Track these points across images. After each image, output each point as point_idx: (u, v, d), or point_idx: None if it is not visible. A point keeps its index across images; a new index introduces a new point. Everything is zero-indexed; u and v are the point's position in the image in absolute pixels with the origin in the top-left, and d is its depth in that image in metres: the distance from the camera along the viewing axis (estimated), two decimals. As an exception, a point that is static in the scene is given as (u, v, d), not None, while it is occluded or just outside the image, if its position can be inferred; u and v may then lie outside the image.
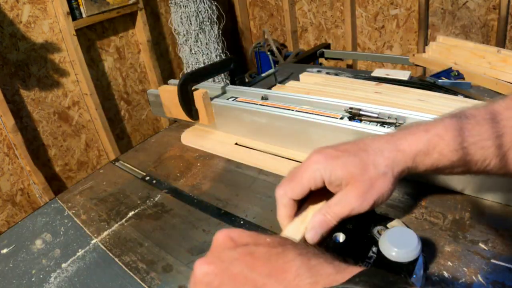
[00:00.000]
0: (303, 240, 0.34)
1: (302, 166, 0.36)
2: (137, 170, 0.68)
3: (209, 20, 2.07)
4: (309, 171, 0.35)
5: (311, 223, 0.34)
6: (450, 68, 0.93)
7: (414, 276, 0.32)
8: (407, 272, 0.30)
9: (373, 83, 0.84)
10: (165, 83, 0.87)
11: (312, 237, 0.34)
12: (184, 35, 2.08)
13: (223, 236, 0.30)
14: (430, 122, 0.36)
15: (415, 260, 0.31)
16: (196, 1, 1.99)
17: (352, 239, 0.34)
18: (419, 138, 0.35)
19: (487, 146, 0.34)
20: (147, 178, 0.65)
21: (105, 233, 0.53)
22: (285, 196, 0.35)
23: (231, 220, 0.52)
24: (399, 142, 0.35)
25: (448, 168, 0.36)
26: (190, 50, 2.11)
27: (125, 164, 0.71)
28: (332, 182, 0.34)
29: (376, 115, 0.59)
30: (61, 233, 0.55)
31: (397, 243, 0.31)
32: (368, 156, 0.35)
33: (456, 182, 0.48)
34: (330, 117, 0.60)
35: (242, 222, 0.51)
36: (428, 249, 0.41)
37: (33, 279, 0.47)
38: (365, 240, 0.34)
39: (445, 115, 0.37)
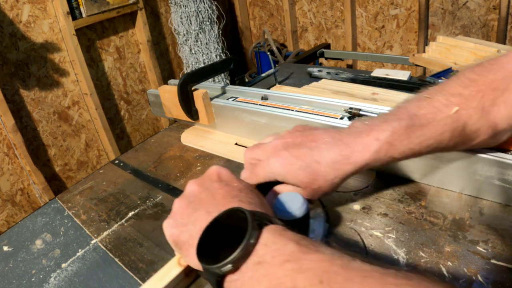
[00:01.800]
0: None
1: (261, 164, 0.41)
2: (137, 170, 0.68)
3: (209, 20, 2.07)
4: (265, 172, 0.41)
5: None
6: (450, 68, 0.93)
7: (313, 231, 0.41)
8: (299, 227, 0.36)
9: (371, 89, 0.84)
10: (165, 83, 0.87)
11: None
12: (184, 35, 2.08)
13: (214, 170, 0.39)
14: (380, 126, 0.40)
15: (303, 218, 0.38)
16: (196, 1, 1.99)
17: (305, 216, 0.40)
18: (370, 147, 0.39)
19: (432, 144, 0.40)
20: (147, 178, 0.65)
21: (105, 233, 0.53)
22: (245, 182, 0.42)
23: (231, 220, 0.52)
24: (351, 154, 0.39)
25: (398, 161, 0.42)
26: (190, 50, 2.11)
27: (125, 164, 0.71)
28: (286, 182, 0.41)
29: (376, 115, 0.59)
30: (61, 233, 0.55)
31: (285, 205, 0.38)
32: (320, 168, 0.39)
33: (455, 183, 0.49)
34: (330, 117, 0.60)
35: (242, 222, 0.51)
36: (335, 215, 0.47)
37: (33, 279, 0.47)
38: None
39: (393, 115, 0.41)
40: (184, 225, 0.34)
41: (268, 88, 0.87)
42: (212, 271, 0.28)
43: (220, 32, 2.15)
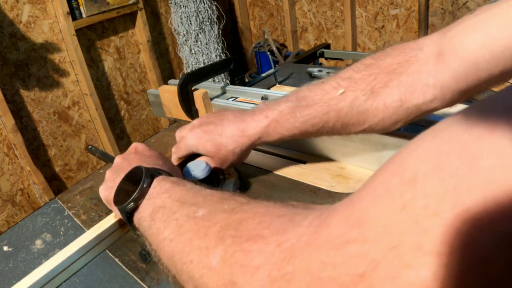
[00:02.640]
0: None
1: (182, 140, 0.52)
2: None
3: (209, 20, 2.07)
4: (184, 145, 0.51)
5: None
6: (450, 68, 0.93)
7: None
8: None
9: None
10: (165, 83, 0.87)
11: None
12: (184, 35, 2.08)
13: (133, 145, 0.50)
14: (272, 106, 0.47)
15: (205, 179, 0.47)
16: (196, 1, 1.99)
17: (208, 178, 0.49)
18: (260, 123, 0.47)
19: (316, 123, 0.44)
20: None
21: (105, 233, 0.53)
22: (173, 155, 0.54)
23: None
24: (246, 129, 0.47)
25: (290, 139, 0.47)
26: (190, 50, 2.11)
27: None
28: (200, 153, 0.51)
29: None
30: (61, 233, 0.55)
31: (190, 169, 0.48)
32: (221, 140, 0.48)
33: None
34: (330, 117, 0.60)
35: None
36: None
37: (33, 279, 0.47)
38: (214, 178, 0.51)
39: (285, 97, 0.47)
40: (111, 187, 0.43)
41: (268, 88, 0.87)
42: (122, 210, 0.38)
43: (220, 32, 2.15)
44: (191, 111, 0.73)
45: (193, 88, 0.72)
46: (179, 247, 0.29)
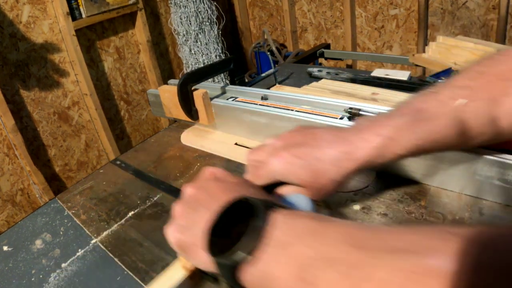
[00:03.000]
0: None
1: (263, 166, 0.40)
2: (137, 170, 0.68)
3: (209, 20, 2.07)
4: (267, 173, 0.40)
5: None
6: (450, 68, 0.93)
7: None
8: None
9: (370, 89, 0.84)
10: (165, 83, 0.87)
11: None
12: (184, 35, 2.08)
13: (208, 171, 0.39)
14: (381, 121, 0.39)
15: None
16: (195, 1, 1.99)
17: None
18: (371, 143, 0.37)
19: (438, 138, 0.38)
20: (147, 177, 0.65)
21: (105, 233, 0.53)
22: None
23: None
24: (353, 151, 0.38)
25: (402, 159, 0.40)
26: (190, 50, 2.11)
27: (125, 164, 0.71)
28: (288, 182, 0.39)
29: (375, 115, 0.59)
30: (61, 233, 0.55)
31: (294, 204, 0.38)
32: (321, 166, 0.38)
33: (455, 183, 0.49)
34: (329, 117, 0.60)
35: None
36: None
37: (33, 279, 0.47)
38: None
39: (396, 111, 0.40)
40: (187, 228, 0.34)
41: (268, 88, 0.87)
42: (224, 263, 0.28)
43: (220, 32, 2.15)
44: (191, 111, 0.73)
45: (193, 88, 0.72)
46: None
